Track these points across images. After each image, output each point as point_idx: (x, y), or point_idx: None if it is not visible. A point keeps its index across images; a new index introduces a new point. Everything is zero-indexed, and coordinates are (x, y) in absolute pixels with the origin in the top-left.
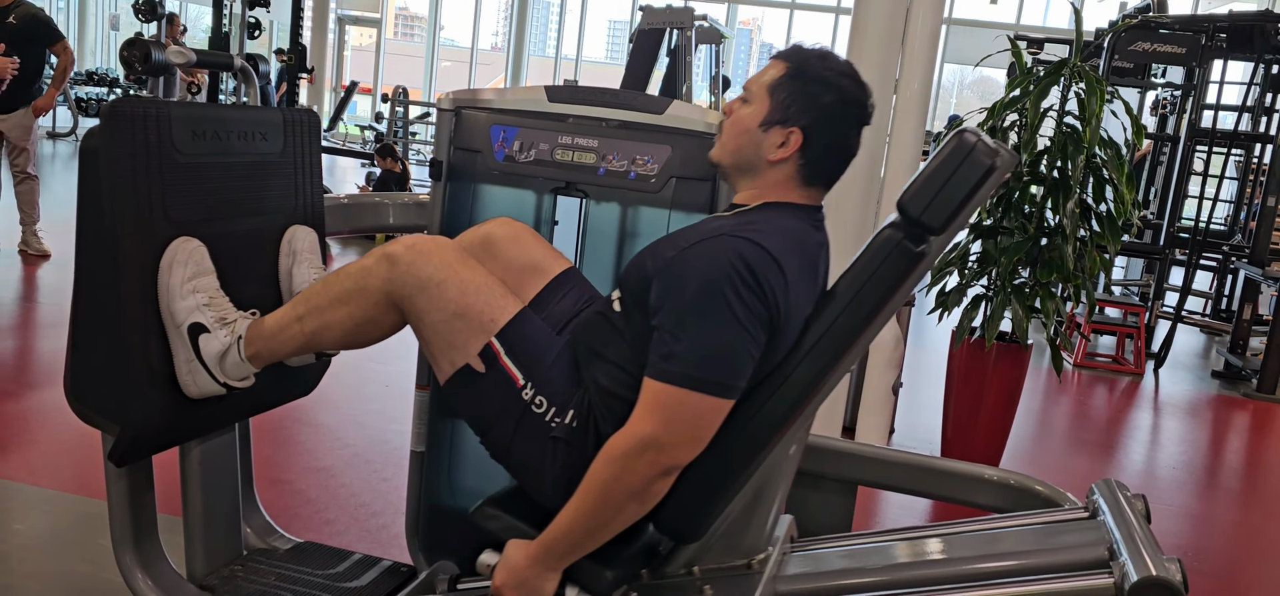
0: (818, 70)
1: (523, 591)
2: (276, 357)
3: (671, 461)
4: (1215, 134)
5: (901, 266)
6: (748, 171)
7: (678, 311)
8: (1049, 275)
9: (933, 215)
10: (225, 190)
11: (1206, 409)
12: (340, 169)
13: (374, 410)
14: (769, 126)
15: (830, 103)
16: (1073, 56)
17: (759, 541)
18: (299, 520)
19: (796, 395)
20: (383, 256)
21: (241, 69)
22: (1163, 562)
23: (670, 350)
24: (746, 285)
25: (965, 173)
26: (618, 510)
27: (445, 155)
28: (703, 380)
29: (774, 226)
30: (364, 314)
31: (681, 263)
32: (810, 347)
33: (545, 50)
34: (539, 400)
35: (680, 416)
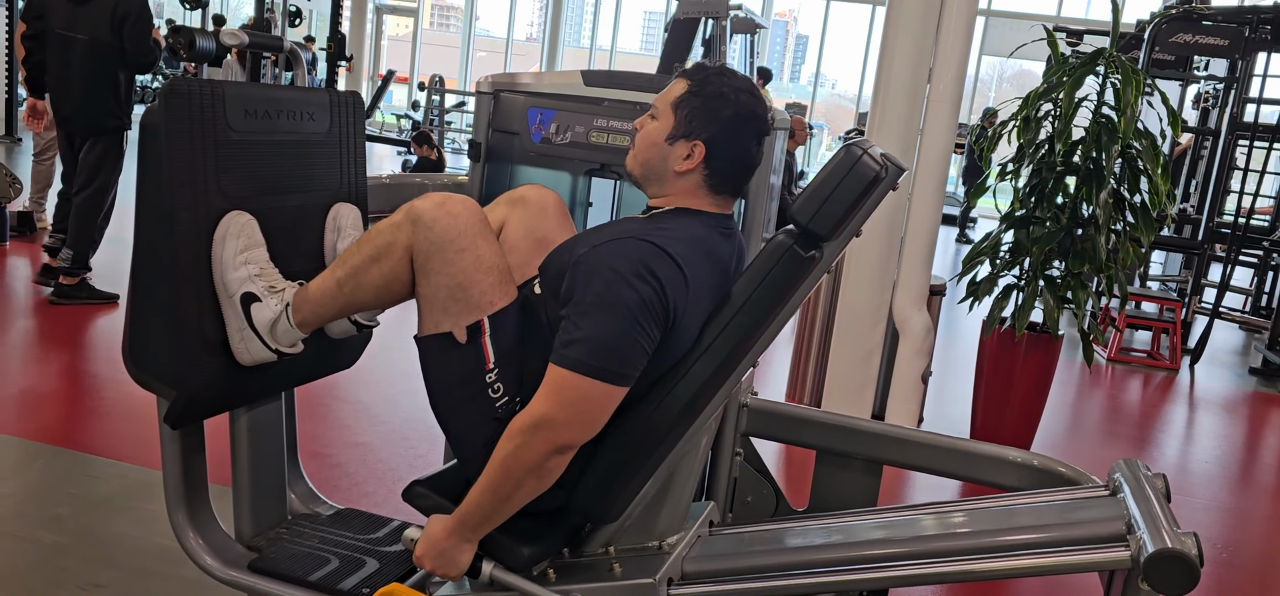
0: (717, 86)
1: (441, 561)
2: (321, 321)
3: (563, 440)
4: (1258, 128)
5: (792, 272)
6: (657, 181)
7: (580, 302)
8: (1081, 266)
9: (820, 223)
10: (275, 167)
11: (1243, 405)
12: (377, 156)
13: (411, 389)
14: (675, 140)
15: (729, 117)
16: (1110, 47)
17: (672, 524)
18: (339, 491)
19: (694, 390)
20: (409, 212)
21: (290, 52)
22: (1179, 536)
23: (571, 337)
24: (644, 281)
25: (850, 183)
26: (518, 485)
27: (484, 137)
28: (596, 367)
29: (680, 232)
30: (392, 271)
31: (591, 258)
32: (707, 346)
33: (580, 41)
34: (497, 386)
35: (574, 400)
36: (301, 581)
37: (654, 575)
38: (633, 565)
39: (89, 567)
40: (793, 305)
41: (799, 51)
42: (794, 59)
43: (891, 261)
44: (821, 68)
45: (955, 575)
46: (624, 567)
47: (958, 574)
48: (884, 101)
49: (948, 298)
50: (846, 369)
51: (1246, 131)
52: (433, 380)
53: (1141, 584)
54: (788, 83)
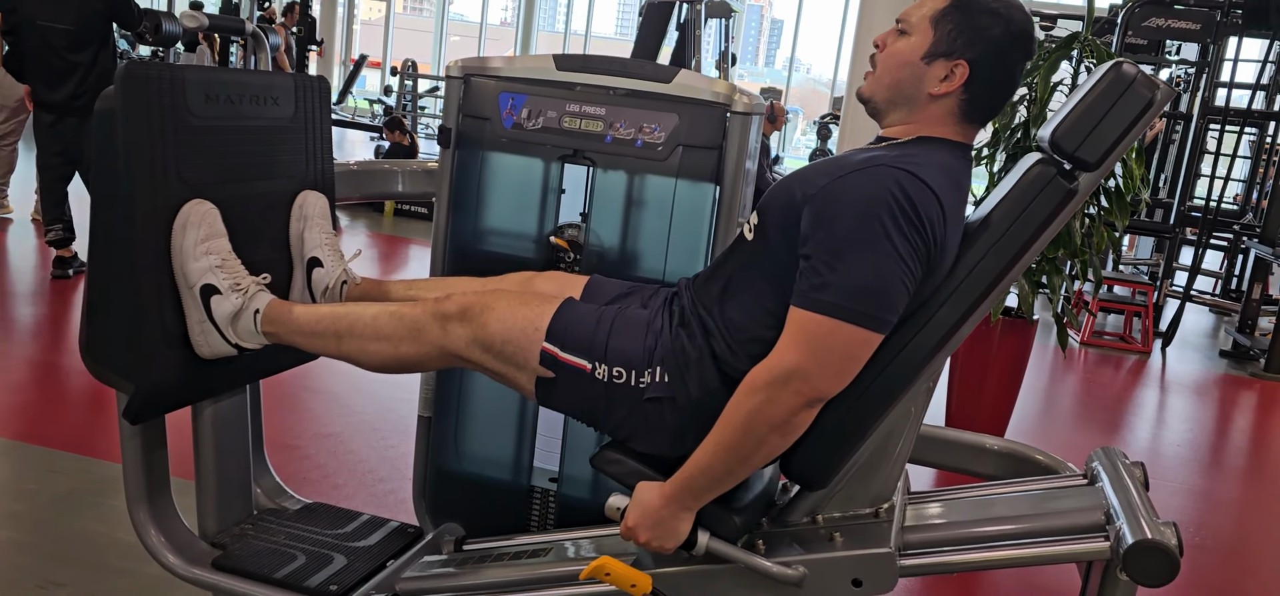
0: (985, 1)
1: (658, 532)
2: (293, 345)
3: (816, 392)
4: (1228, 112)
5: (1054, 201)
6: (905, 105)
7: (831, 240)
8: (1056, 251)
9: (1089, 149)
10: (238, 154)
11: (1213, 388)
12: (349, 142)
13: (381, 378)
14: (932, 59)
15: (999, 35)
16: (1084, 31)
17: (885, 491)
18: (308, 484)
19: (939, 336)
20: (437, 316)
21: (253, 34)
22: (1158, 526)
23: (822, 279)
24: (906, 216)
25: (1125, 106)
26: (760, 443)
27: (454, 122)
28: (855, 311)
29: (932, 160)
30: (416, 356)
31: (837, 190)
32: (957, 285)
33: (554, 25)
34: (616, 372)
35: (829, 347)
36: (267, 579)
37: (888, 543)
38: (856, 534)
39: (48, 565)
40: (1045, 240)
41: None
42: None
43: None
44: (796, 52)
45: (933, 567)
46: (846, 537)
47: (936, 566)
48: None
49: None
50: None
51: (1217, 115)
52: (579, 419)
53: (1121, 574)
54: (762, 67)
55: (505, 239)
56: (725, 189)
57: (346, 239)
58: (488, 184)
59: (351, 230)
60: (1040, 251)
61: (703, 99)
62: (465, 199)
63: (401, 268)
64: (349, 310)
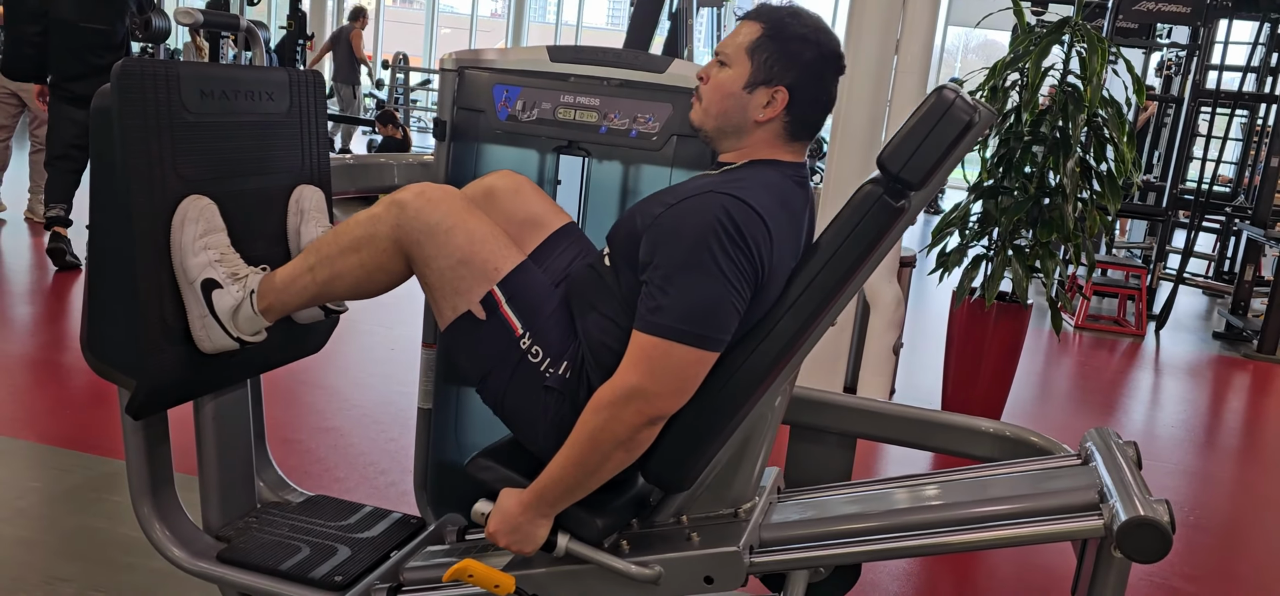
0: (795, 28)
1: (516, 537)
2: (288, 309)
3: (656, 411)
4: (1219, 95)
5: (882, 221)
6: (733, 133)
7: (665, 266)
8: (1050, 235)
9: (912, 171)
10: (234, 149)
11: (1207, 369)
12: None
13: (381, 372)
14: (753, 87)
15: (812, 58)
16: (1075, 15)
17: (745, 491)
18: (309, 477)
19: (779, 348)
20: (392, 203)
21: (247, 30)
22: (1151, 504)
23: (657, 303)
24: (732, 240)
25: (944, 128)
26: (605, 458)
27: (449, 115)
28: (688, 333)
29: (759, 183)
30: (373, 261)
31: (669, 219)
32: (793, 302)
33: (546, 17)
34: (535, 350)
35: (665, 367)
36: (272, 571)
37: (737, 542)
38: (712, 533)
39: (53, 561)
40: (878, 257)
41: None
42: None
43: None
44: None
45: (930, 548)
46: (702, 536)
47: (932, 547)
48: (852, 73)
49: (917, 269)
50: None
51: (1209, 98)
52: (470, 366)
53: (1115, 551)
54: None
55: None
56: None
57: None
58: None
59: None
60: (876, 265)
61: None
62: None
63: None
64: (317, 241)
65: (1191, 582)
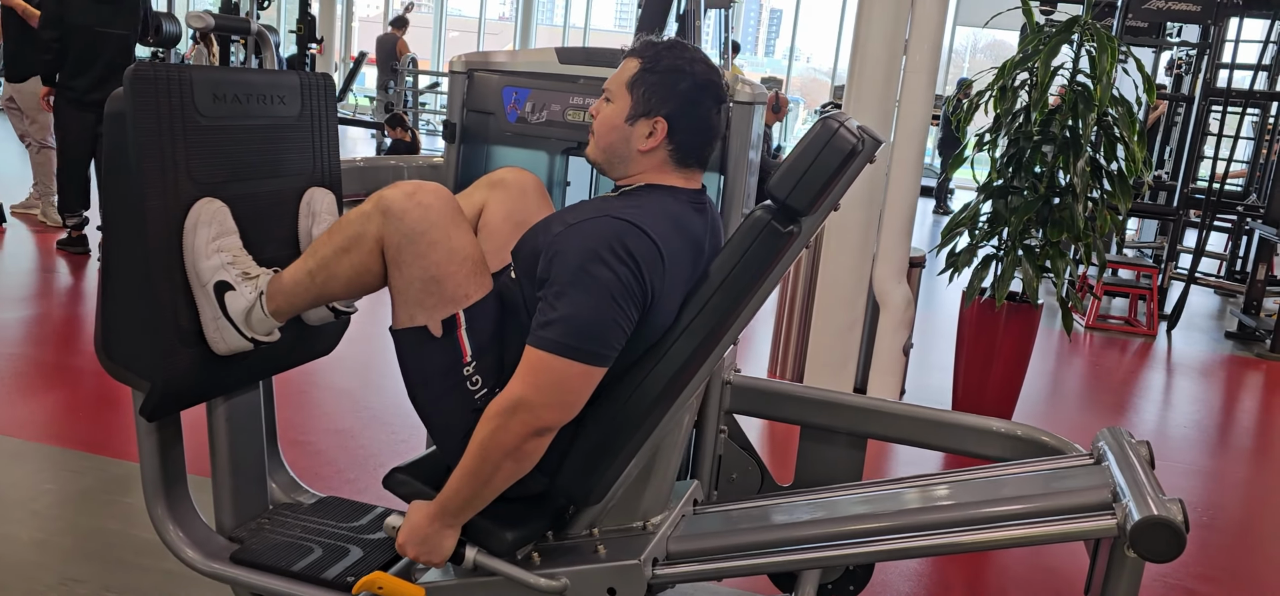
0: (670, 61)
1: (424, 548)
2: (296, 310)
3: (541, 423)
4: (1230, 93)
5: (771, 247)
6: (622, 164)
7: (556, 283)
8: (1060, 235)
9: (798, 198)
10: (246, 152)
11: (1219, 369)
12: (350, 139)
13: (392, 373)
14: (635, 120)
15: (686, 88)
16: (1084, 14)
17: (655, 504)
18: (320, 479)
19: (675, 369)
20: (379, 202)
21: (259, 34)
22: (1165, 503)
23: (547, 318)
24: (621, 262)
25: (827, 157)
26: (496, 468)
27: (459, 117)
28: (572, 348)
29: (654, 208)
30: (362, 263)
31: (565, 238)
32: (686, 325)
33: (553, 18)
34: (475, 378)
35: (550, 381)
36: (284, 571)
37: (639, 555)
38: (617, 546)
39: (67, 562)
40: (772, 281)
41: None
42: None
43: (871, 234)
44: (796, 42)
45: (942, 548)
46: (608, 549)
47: (945, 546)
48: (860, 74)
49: (927, 269)
50: (828, 343)
51: (1219, 97)
52: (410, 372)
53: (1128, 551)
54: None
55: None
56: (729, 178)
57: None
58: None
59: None
60: (771, 289)
61: None
62: None
63: None
64: (315, 242)
65: (1205, 583)
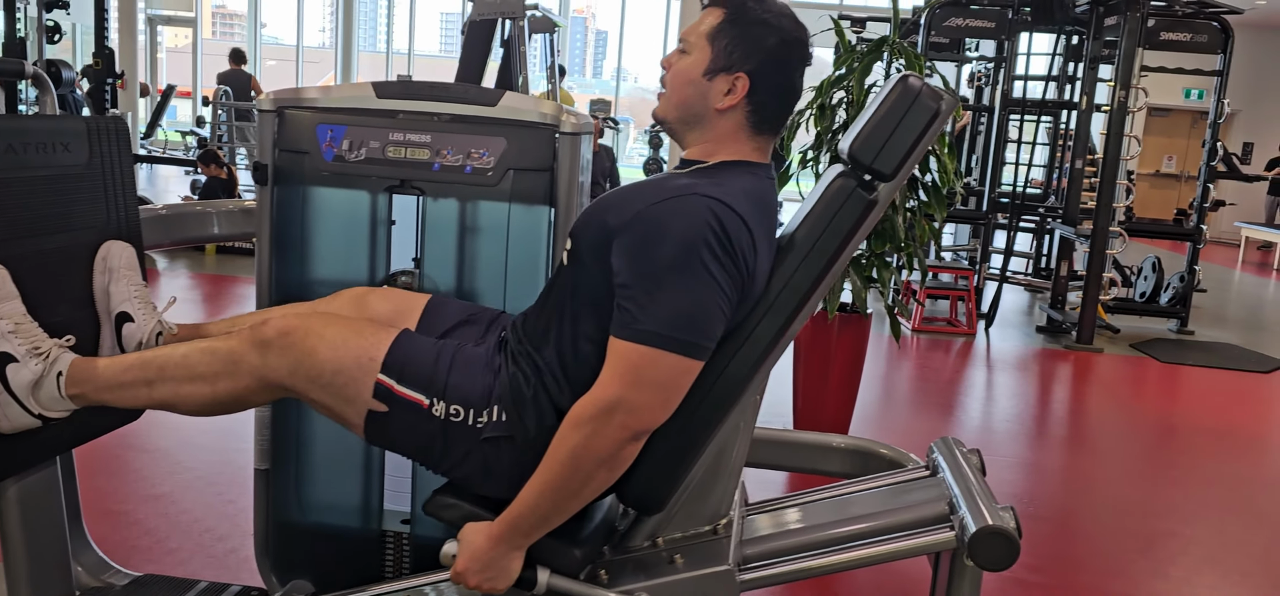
0: (757, 13)
1: (487, 573)
2: (108, 406)
3: (642, 424)
4: (1026, 103)
5: (856, 213)
6: (696, 124)
7: (649, 269)
8: (883, 246)
9: (884, 161)
10: (26, 207)
11: (1033, 362)
12: (163, 178)
13: (213, 427)
14: (713, 74)
15: (774, 45)
16: (892, 34)
17: (722, 506)
18: (138, 552)
19: (761, 351)
20: (254, 343)
21: (35, 76)
22: (997, 512)
23: (640, 309)
24: (722, 245)
25: (913, 118)
26: (587, 478)
27: (270, 158)
28: (675, 340)
29: (739, 187)
30: (234, 392)
31: (651, 218)
32: (773, 301)
33: (376, 45)
34: (454, 410)
35: (652, 378)
36: None
37: (727, 560)
38: (695, 554)
39: None
40: (852, 250)
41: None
42: (595, 55)
43: None
44: (623, 62)
45: (800, 573)
46: (686, 559)
47: (803, 572)
48: None
49: None
50: None
51: (1017, 107)
52: (407, 453)
53: (966, 561)
54: (591, 79)
55: (335, 276)
56: (560, 210)
57: (164, 282)
58: (312, 220)
59: (170, 272)
60: (849, 259)
61: (530, 121)
62: (289, 237)
63: (228, 310)
64: (157, 354)
65: (1035, 572)
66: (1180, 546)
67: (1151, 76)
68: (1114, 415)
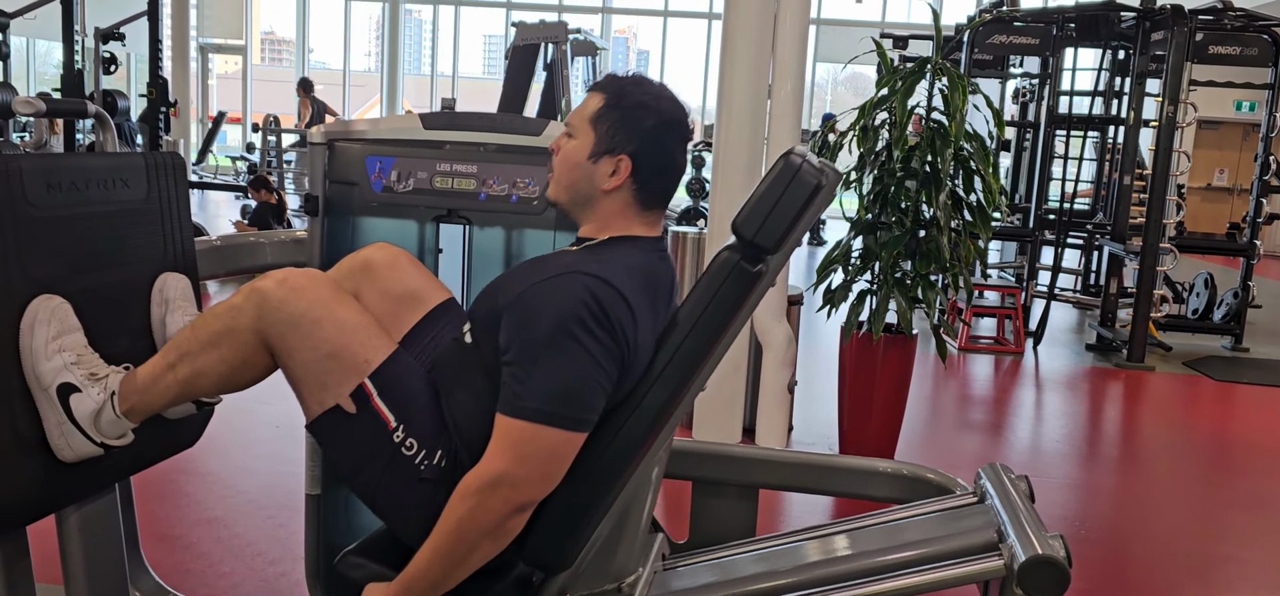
0: (636, 97)
1: None
2: (153, 410)
3: (525, 498)
4: (1072, 119)
5: (741, 287)
6: (584, 204)
7: (529, 347)
8: (928, 266)
9: (765, 236)
10: (87, 242)
11: (1082, 381)
12: (213, 203)
13: (265, 453)
14: (598, 157)
15: (653, 125)
16: (935, 54)
17: (628, 563)
18: (192, 576)
19: (650, 420)
20: (252, 293)
21: (97, 115)
22: (1047, 540)
23: (522, 386)
24: (597, 321)
25: (794, 193)
26: (472, 548)
27: (321, 189)
28: (554, 415)
29: (621, 261)
30: (237, 355)
31: (532, 298)
32: (659, 373)
33: (420, 68)
34: (409, 442)
35: (533, 452)
36: None
37: None
38: None
39: None
40: (740, 322)
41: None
42: None
43: None
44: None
45: None
46: None
47: None
48: (728, 114)
49: (805, 306)
50: (713, 386)
51: (1063, 122)
52: (342, 461)
53: (1016, 590)
54: None
55: None
56: None
57: None
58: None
59: (223, 298)
60: (739, 330)
61: None
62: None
63: None
64: (177, 335)
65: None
66: (1238, 571)
67: (1201, 89)
68: (1167, 435)
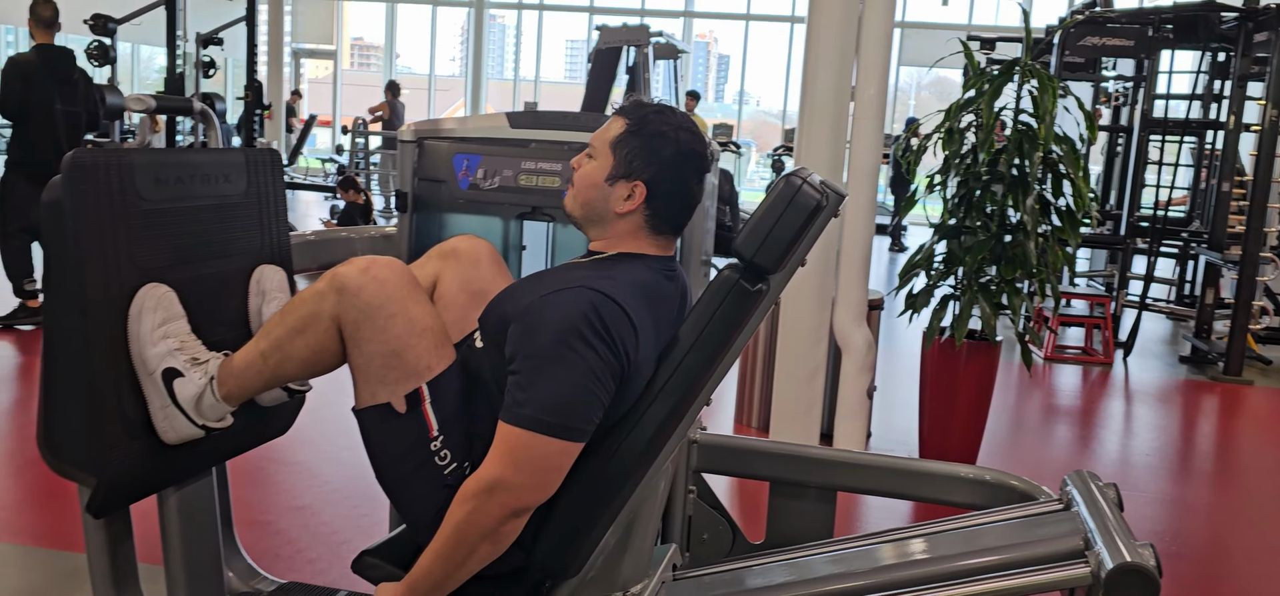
0: (656, 125)
1: None
2: (248, 394)
3: (519, 503)
4: (1168, 123)
5: (741, 307)
6: (598, 222)
7: (532, 357)
8: (1013, 272)
9: (764, 256)
10: (191, 234)
11: (1176, 394)
12: (303, 203)
13: (350, 445)
14: (615, 181)
15: (670, 155)
16: (1024, 55)
17: (636, 572)
18: (281, 561)
19: (651, 434)
20: (334, 279)
21: (201, 112)
22: (1136, 549)
23: (523, 395)
24: (598, 335)
25: (792, 215)
26: (470, 551)
27: (410, 186)
28: (550, 424)
29: (627, 278)
30: (319, 343)
31: (538, 309)
32: (659, 389)
33: (503, 73)
34: (444, 453)
35: (528, 459)
36: None
37: None
38: None
39: None
40: (742, 340)
41: (722, 71)
42: (717, 78)
43: (829, 278)
44: (745, 86)
45: None
46: None
47: None
48: (810, 118)
49: (886, 310)
50: (792, 391)
51: (1157, 127)
52: (376, 452)
53: None
54: (713, 102)
55: None
56: (685, 235)
57: None
58: None
59: None
60: (742, 348)
61: None
62: None
63: None
64: (268, 323)
65: None
66: None
67: None
68: (1266, 450)
